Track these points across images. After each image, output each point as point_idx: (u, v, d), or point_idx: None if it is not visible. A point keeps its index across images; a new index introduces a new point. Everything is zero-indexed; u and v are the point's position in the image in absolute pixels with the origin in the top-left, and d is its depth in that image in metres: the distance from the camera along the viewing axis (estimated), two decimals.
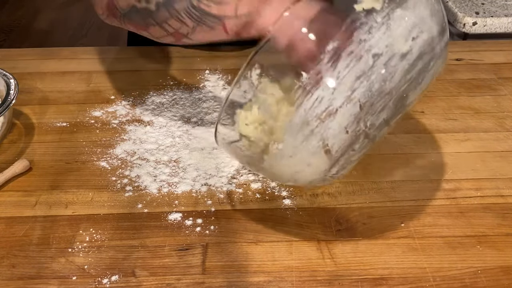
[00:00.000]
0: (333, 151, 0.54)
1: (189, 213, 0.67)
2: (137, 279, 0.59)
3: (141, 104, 0.87)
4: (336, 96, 0.51)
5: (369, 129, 0.54)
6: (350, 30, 0.51)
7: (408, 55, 0.52)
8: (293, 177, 0.58)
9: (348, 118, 0.52)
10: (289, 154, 0.54)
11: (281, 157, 0.55)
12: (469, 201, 0.69)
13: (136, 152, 0.77)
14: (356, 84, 0.51)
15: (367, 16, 0.51)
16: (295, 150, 0.54)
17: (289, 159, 0.55)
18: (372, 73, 0.51)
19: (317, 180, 0.59)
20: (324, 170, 0.56)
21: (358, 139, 0.54)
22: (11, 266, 0.61)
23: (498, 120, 0.84)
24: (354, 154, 0.56)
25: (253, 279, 0.59)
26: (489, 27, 1.24)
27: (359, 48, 0.51)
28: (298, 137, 0.53)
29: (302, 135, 0.52)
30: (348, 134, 0.53)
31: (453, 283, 0.59)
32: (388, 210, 0.68)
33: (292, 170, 0.57)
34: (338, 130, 0.52)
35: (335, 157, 0.54)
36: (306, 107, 0.51)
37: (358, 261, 0.61)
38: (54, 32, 2.98)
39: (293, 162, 0.55)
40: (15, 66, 0.94)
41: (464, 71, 0.97)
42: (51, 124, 0.83)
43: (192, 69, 0.96)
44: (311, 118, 0.52)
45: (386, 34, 0.51)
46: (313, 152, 0.54)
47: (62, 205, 0.69)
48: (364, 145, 0.55)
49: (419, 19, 0.53)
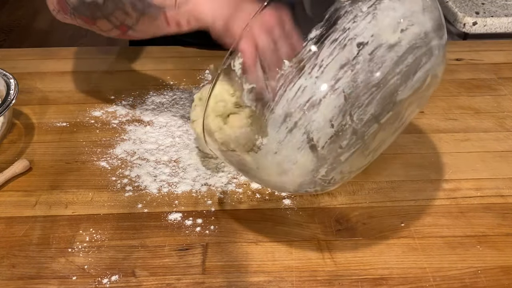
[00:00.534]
0: (319, 147, 0.52)
1: (189, 213, 0.67)
2: (137, 279, 0.59)
3: (141, 104, 0.87)
4: (319, 86, 0.50)
5: (356, 124, 0.52)
6: (333, 18, 0.50)
7: (396, 47, 0.51)
8: (280, 178, 0.56)
9: (332, 110, 0.50)
10: (273, 150, 0.53)
11: (266, 153, 0.53)
12: (469, 201, 0.69)
13: (136, 152, 0.77)
14: (340, 73, 0.50)
15: (352, 5, 0.50)
16: (279, 145, 0.52)
17: (274, 156, 0.53)
18: (357, 63, 0.50)
19: (306, 183, 0.56)
20: (312, 170, 0.54)
21: (345, 134, 0.52)
22: (11, 266, 0.61)
23: (498, 120, 0.84)
24: (342, 153, 0.53)
25: (253, 279, 0.59)
26: (489, 27, 1.24)
27: (343, 36, 0.50)
28: (281, 130, 0.51)
29: (285, 128, 0.51)
30: (334, 128, 0.51)
31: (453, 283, 0.59)
32: (388, 210, 0.68)
33: (279, 170, 0.55)
34: (323, 122, 0.51)
35: (322, 154, 0.53)
36: (289, 97, 0.50)
37: (358, 261, 0.61)
38: (54, 32, 2.98)
39: (278, 160, 0.53)
40: (15, 66, 0.94)
41: (464, 71, 0.97)
42: (51, 124, 0.83)
43: (192, 69, 0.96)
44: (294, 109, 0.50)
45: (371, 23, 0.50)
46: (298, 148, 0.52)
47: (62, 205, 0.69)
48: (352, 142, 0.53)
49: (409, 11, 0.52)
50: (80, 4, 0.69)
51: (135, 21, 0.67)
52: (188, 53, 1.01)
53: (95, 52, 1.02)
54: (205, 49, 1.01)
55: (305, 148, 0.52)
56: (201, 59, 0.99)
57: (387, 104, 0.52)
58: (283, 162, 0.53)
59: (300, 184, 0.56)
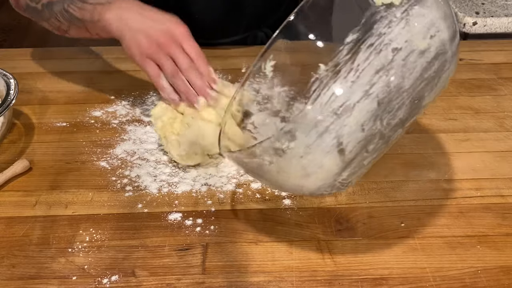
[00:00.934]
0: (347, 151, 0.52)
1: (189, 213, 0.67)
2: (137, 279, 0.59)
3: (141, 104, 0.87)
4: (354, 90, 0.49)
5: (385, 128, 0.52)
6: (369, 23, 0.50)
7: (426, 53, 0.51)
8: (300, 182, 0.56)
9: (365, 115, 0.50)
10: (300, 154, 0.52)
11: (291, 157, 0.52)
12: (469, 201, 0.69)
13: (136, 152, 0.77)
14: (375, 78, 0.49)
15: (386, 10, 0.50)
16: (307, 149, 0.51)
17: (300, 160, 0.52)
18: (391, 68, 0.50)
19: (325, 187, 0.56)
20: (335, 173, 0.54)
21: (374, 139, 0.52)
22: (11, 266, 0.61)
23: (498, 120, 0.84)
24: (366, 157, 0.54)
25: (253, 279, 0.59)
26: (489, 27, 1.24)
27: (379, 41, 0.49)
28: (311, 135, 0.50)
29: (316, 132, 0.50)
30: (364, 132, 0.51)
31: (453, 283, 0.59)
32: (388, 210, 0.68)
33: (302, 173, 0.54)
34: (355, 127, 0.50)
35: (348, 159, 0.52)
36: (323, 102, 0.49)
37: (358, 261, 0.61)
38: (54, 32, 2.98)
39: (303, 163, 0.53)
40: (15, 66, 0.94)
41: (464, 71, 0.97)
42: (51, 124, 0.83)
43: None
44: (327, 113, 0.49)
45: (405, 29, 0.50)
46: (326, 152, 0.51)
47: (62, 205, 0.69)
48: (378, 147, 0.53)
49: (435, 18, 0.52)
50: (27, 8, 0.83)
51: (67, 27, 0.79)
52: None
53: (95, 52, 1.02)
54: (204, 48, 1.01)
55: (333, 152, 0.51)
56: None
57: (414, 109, 0.53)
58: (308, 166, 0.53)
59: (318, 187, 0.56)
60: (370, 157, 0.54)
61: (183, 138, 0.71)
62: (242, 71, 0.95)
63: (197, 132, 0.71)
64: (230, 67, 0.96)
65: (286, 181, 0.56)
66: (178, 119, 0.74)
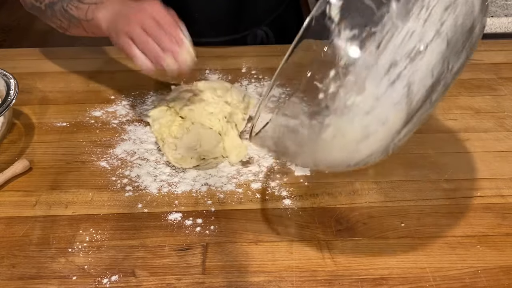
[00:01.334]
0: (415, 101, 0.48)
1: (189, 213, 0.67)
2: (137, 279, 0.59)
3: (141, 104, 0.87)
4: (426, 29, 0.46)
5: (449, 72, 0.49)
6: None
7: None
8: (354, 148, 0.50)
9: (436, 57, 0.47)
10: (366, 110, 0.48)
11: (355, 115, 0.48)
12: (469, 201, 0.69)
13: (136, 152, 0.77)
14: (444, 15, 0.46)
15: None
16: (375, 102, 0.47)
17: (364, 118, 0.48)
18: (457, 5, 0.47)
19: (378, 152, 0.52)
20: (396, 131, 0.50)
21: (438, 86, 0.49)
22: (11, 266, 0.61)
23: (498, 120, 0.84)
24: (427, 109, 0.50)
25: (253, 279, 0.59)
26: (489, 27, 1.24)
27: None
28: (382, 84, 0.47)
29: (387, 81, 0.46)
30: (433, 78, 0.48)
31: (453, 283, 0.59)
32: (388, 210, 0.68)
33: (361, 135, 0.49)
34: (425, 71, 0.47)
35: (413, 110, 0.49)
36: (396, 44, 0.45)
37: (358, 261, 0.61)
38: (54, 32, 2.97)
39: (367, 122, 0.48)
40: (15, 66, 0.94)
41: (464, 71, 0.95)
42: (51, 124, 0.83)
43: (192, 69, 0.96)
44: (400, 57, 0.46)
45: None
46: (395, 103, 0.47)
47: (62, 205, 0.69)
48: (438, 97, 0.50)
49: None
50: (32, 7, 0.85)
51: (67, 26, 0.82)
52: None
53: (95, 52, 1.02)
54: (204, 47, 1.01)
55: (402, 103, 0.48)
56: (201, 59, 0.98)
57: (470, 54, 0.50)
58: (371, 123, 0.49)
59: (371, 153, 0.52)
60: (429, 110, 0.51)
61: (181, 142, 0.71)
62: (242, 71, 0.95)
63: (196, 138, 0.71)
64: (230, 67, 0.96)
65: (338, 149, 0.51)
66: (177, 122, 0.74)
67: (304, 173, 0.73)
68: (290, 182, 0.72)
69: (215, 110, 0.74)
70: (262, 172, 0.74)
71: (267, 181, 0.72)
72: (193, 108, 0.74)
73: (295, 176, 0.73)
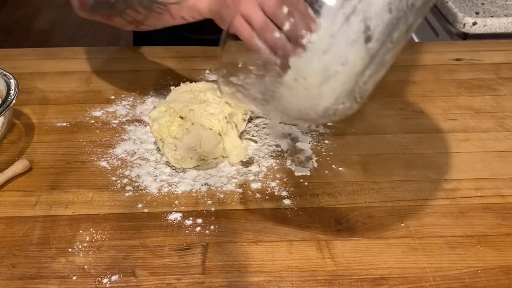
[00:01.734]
0: (374, 39, 0.47)
1: (189, 213, 0.67)
2: (137, 279, 0.59)
3: (141, 104, 0.87)
4: None
5: (410, 10, 0.48)
6: None
7: None
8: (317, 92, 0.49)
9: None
10: (324, 48, 0.47)
11: (312, 55, 0.47)
12: (469, 201, 0.69)
13: (136, 152, 0.77)
14: None
15: None
16: (332, 40, 0.47)
17: (322, 57, 0.47)
18: None
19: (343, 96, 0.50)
20: (358, 72, 0.49)
21: (399, 23, 0.48)
22: (11, 266, 0.61)
23: (498, 120, 0.84)
24: (389, 49, 0.49)
25: (253, 279, 0.59)
26: (489, 27, 1.24)
27: None
28: (337, 19, 0.46)
29: (342, 15, 0.46)
30: (392, 13, 0.47)
31: (453, 283, 0.59)
32: (388, 210, 0.68)
33: (322, 77, 0.48)
34: (382, 6, 0.46)
35: (374, 49, 0.48)
36: None
37: (358, 261, 0.61)
38: (54, 32, 2.98)
39: (326, 61, 0.48)
40: (15, 66, 0.94)
41: (464, 71, 0.97)
42: (51, 124, 0.83)
43: (192, 69, 0.96)
44: None
45: None
46: (353, 40, 0.47)
47: (62, 205, 0.69)
48: (401, 36, 0.49)
49: None
50: (96, 3, 0.75)
51: (144, 17, 0.72)
52: (188, 53, 1.01)
53: (95, 52, 1.02)
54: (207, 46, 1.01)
55: (360, 41, 0.47)
56: (201, 59, 0.99)
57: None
58: (331, 63, 0.48)
59: (336, 98, 0.50)
60: (392, 50, 0.50)
61: (181, 143, 0.71)
62: None
63: (195, 138, 0.71)
64: None
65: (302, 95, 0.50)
66: (176, 123, 0.74)
67: (304, 173, 0.73)
68: (290, 182, 0.72)
69: (215, 110, 0.74)
70: (262, 172, 0.74)
71: (267, 181, 0.72)
72: (193, 108, 0.74)
73: (295, 176, 0.73)
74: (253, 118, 0.83)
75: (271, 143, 0.79)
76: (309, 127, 0.82)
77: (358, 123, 0.83)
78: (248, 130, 0.81)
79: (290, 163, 0.75)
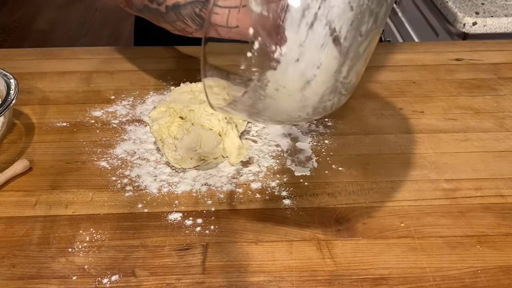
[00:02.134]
0: (342, 38, 0.48)
1: (189, 213, 0.67)
2: (137, 279, 0.59)
3: (141, 104, 0.87)
4: None
5: (372, 2, 0.49)
6: None
7: None
8: (302, 96, 0.51)
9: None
10: (295, 57, 0.48)
11: (287, 65, 0.49)
12: (469, 201, 0.69)
13: (136, 152, 0.77)
14: None
15: None
16: (301, 49, 0.48)
17: (296, 65, 0.49)
18: None
19: (328, 93, 0.52)
20: (335, 70, 0.50)
21: (364, 17, 0.49)
22: (11, 266, 0.61)
23: (498, 120, 0.84)
24: (362, 42, 0.51)
25: (253, 279, 0.59)
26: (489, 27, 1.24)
27: None
28: (301, 29, 0.47)
29: (305, 24, 0.47)
30: (353, 10, 0.48)
31: (453, 283, 0.59)
32: (388, 210, 0.68)
33: (302, 82, 0.50)
34: (343, 6, 0.47)
35: (345, 48, 0.49)
36: None
37: (358, 261, 0.61)
38: (54, 32, 2.98)
39: (301, 68, 0.49)
40: (15, 66, 0.94)
41: (464, 71, 0.97)
42: (51, 124, 0.83)
43: (192, 69, 0.96)
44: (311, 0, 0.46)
45: None
46: (321, 45, 0.48)
47: (62, 205, 0.69)
48: (369, 27, 0.50)
49: None
50: (144, 8, 0.76)
51: (194, 30, 0.74)
52: (188, 53, 1.01)
53: (95, 52, 1.02)
54: None
55: (329, 43, 0.48)
56: None
57: None
58: (306, 69, 0.49)
59: (322, 96, 0.52)
60: (365, 42, 0.51)
61: (181, 143, 0.71)
62: None
63: (195, 139, 0.71)
64: None
65: (287, 102, 0.52)
66: (176, 123, 0.74)
67: (304, 173, 0.73)
68: (290, 182, 0.72)
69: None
70: (262, 172, 0.74)
71: (267, 181, 0.72)
72: (193, 108, 0.74)
73: (295, 176, 0.73)
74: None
75: (271, 143, 0.79)
76: (309, 127, 0.82)
77: (358, 123, 0.83)
78: (248, 130, 0.81)
79: (290, 163, 0.75)
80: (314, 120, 0.82)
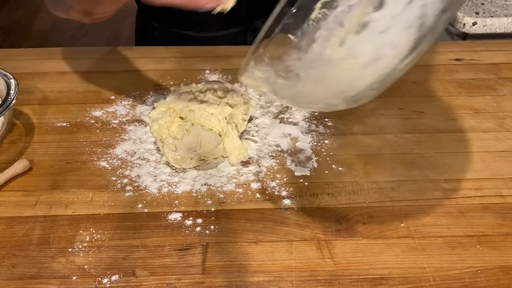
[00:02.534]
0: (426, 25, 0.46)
1: (189, 213, 0.67)
2: (137, 279, 0.59)
3: (141, 104, 0.87)
4: None
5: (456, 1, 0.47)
6: None
7: None
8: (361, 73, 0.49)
9: None
10: (382, 28, 0.46)
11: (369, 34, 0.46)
12: (469, 201, 0.69)
13: (136, 152, 0.77)
14: None
15: None
16: (391, 22, 0.46)
17: (378, 37, 0.46)
18: None
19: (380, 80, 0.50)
20: (403, 57, 0.48)
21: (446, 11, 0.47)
22: (11, 266, 0.61)
23: (498, 120, 0.84)
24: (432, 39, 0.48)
25: (253, 279, 0.59)
26: (489, 27, 1.24)
27: None
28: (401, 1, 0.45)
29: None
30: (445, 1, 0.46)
31: (453, 283, 0.59)
32: (388, 210, 0.68)
33: (371, 58, 0.48)
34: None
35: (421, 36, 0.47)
36: None
37: (358, 261, 0.61)
38: (54, 32, 2.98)
39: (380, 42, 0.47)
40: (15, 66, 0.94)
41: (464, 71, 0.97)
42: (51, 124, 0.83)
43: (192, 69, 0.96)
44: None
45: None
46: (409, 25, 0.46)
47: (62, 205, 0.69)
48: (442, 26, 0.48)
49: None
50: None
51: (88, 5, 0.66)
52: (188, 53, 1.01)
53: (95, 52, 1.02)
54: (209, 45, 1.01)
55: (414, 26, 0.46)
56: (201, 59, 0.99)
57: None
58: (384, 45, 0.47)
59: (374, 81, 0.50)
60: (432, 41, 0.49)
61: (181, 143, 0.71)
62: None
63: (196, 139, 0.72)
64: (230, 67, 0.96)
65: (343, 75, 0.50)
66: (176, 123, 0.74)
67: (304, 173, 0.73)
68: (290, 182, 0.72)
69: (215, 111, 0.74)
70: (262, 172, 0.74)
71: (267, 181, 0.72)
72: (193, 109, 0.74)
73: (295, 176, 0.73)
74: (253, 118, 0.83)
75: (271, 143, 0.79)
76: (309, 127, 0.82)
77: (358, 123, 0.83)
78: (248, 130, 0.81)
79: (290, 163, 0.75)
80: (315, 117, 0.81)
